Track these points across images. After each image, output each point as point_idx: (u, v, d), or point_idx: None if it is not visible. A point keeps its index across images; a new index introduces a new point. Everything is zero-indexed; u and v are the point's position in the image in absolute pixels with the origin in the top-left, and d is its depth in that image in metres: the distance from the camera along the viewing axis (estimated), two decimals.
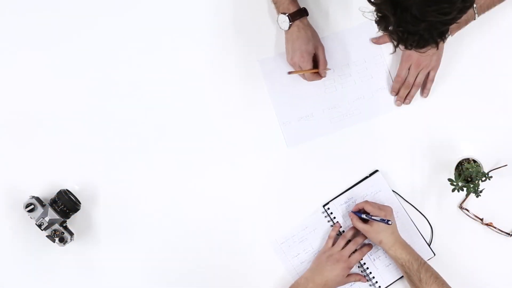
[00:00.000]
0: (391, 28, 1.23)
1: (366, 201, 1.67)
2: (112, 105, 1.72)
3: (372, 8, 1.23)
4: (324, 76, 1.68)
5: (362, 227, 1.64)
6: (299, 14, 1.63)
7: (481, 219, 1.70)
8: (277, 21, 1.64)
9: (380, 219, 1.60)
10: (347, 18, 1.72)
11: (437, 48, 1.27)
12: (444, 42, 1.26)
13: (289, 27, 1.63)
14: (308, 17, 1.65)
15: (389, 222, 1.60)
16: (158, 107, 1.72)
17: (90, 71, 1.73)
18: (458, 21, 1.62)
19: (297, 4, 1.64)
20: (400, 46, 1.26)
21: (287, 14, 1.62)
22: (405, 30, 1.21)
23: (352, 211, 1.68)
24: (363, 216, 1.64)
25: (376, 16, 1.24)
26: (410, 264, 1.61)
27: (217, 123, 1.72)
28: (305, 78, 1.69)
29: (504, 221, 1.70)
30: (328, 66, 1.70)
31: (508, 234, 1.70)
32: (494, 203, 1.70)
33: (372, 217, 1.62)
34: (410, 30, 1.20)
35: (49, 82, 1.72)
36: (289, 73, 1.68)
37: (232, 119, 1.72)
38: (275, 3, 1.65)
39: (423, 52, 1.29)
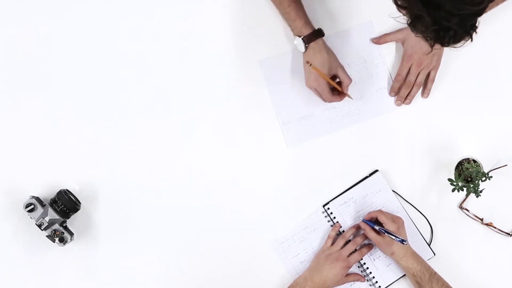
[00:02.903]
0: (426, 28, 1.20)
1: (380, 211, 1.66)
2: (112, 105, 1.72)
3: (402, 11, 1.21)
4: (348, 95, 1.64)
5: (375, 238, 1.64)
6: (313, 36, 1.62)
7: (481, 219, 1.70)
8: (294, 43, 1.65)
9: (398, 239, 1.59)
10: (347, 18, 1.72)
11: (471, 40, 1.24)
12: (476, 33, 1.23)
13: (305, 49, 1.63)
14: (324, 37, 1.64)
15: (405, 242, 1.60)
16: (159, 107, 1.72)
17: (89, 72, 1.72)
18: None
19: (311, 26, 1.63)
20: (436, 45, 1.24)
21: (301, 37, 1.62)
22: (440, 27, 1.19)
23: (363, 220, 1.67)
24: (376, 227, 1.64)
25: (409, 19, 1.22)
26: (421, 274, 1.61)
27: (217, 123, 1.72)
28: (323, 99, 1.66)
29: (504, 221, 1.70)
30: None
31: (508, 234, 1.70)
32: (494, 203, 1.70)
33: (388, 233, 1.61)
34: (444, 27, 1.19)
35: (49, 82, 1.72)
36: (308, 62, 1.60)
37: (232, 119, 1.72)
38: (290, 26, 1.65)
39: (459, 47, 1.25)
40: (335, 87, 1.65)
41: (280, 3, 1.63)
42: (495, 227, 1.70)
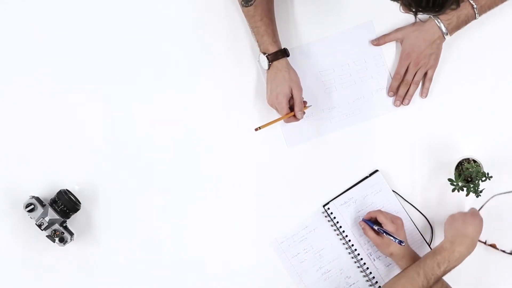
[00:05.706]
0: None
1: (380, 211, 1.66)
2: (112, 105, 1.72)
3: None
4: (300, 118, 1.63)
5: (373, 238, 1.64)
6: (278, 55, 1.61)
7: (484, 242, 1.69)
8: (258, 59, 1.66)
9: (396, 240, 1.60)
10: (347, 18, 1.72)
11: (459, 5, 1.21)
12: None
13: (269, 67, 1.63)
14: (288, 58, 1.63)
15: (403, 244, 1.60)
16: (158, 109, 1.72)
17: (89, 72, 1.72)
18: (457, 21, 1.63)
19: (278, 45, 1.62)
20: (418, 14, 1.22)
21: (266, 55, 1.61)
22: None
23: (363, 219, 1.67)
24: (376, 228, 1.64)
25: None
26: None
27: (217, 123, 1.72)
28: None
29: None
30: (328, 67, 1.70)
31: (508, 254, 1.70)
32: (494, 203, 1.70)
33: (387, 234, 1.61)
34: None
35: (49, 83, 1.72)
36: (256, 129, 1.62)
37: (232, 119, 1.72)
38: (257, 41, 1.64)
39: (447, 13, 1.22)
40: (289, 115, 1.63)
41: (252, 16, 1.62)
42: (498, 249, 1.70)
